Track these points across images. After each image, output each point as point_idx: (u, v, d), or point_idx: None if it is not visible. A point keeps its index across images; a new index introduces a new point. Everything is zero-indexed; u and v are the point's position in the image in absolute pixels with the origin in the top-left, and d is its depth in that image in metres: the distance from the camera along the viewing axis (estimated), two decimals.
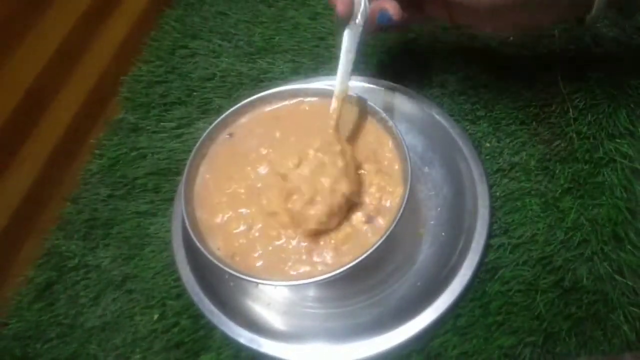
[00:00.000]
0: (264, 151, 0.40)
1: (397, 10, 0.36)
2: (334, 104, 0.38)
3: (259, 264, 0.35)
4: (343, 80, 0.38)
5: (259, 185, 0.39)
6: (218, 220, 0.38)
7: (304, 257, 0.35)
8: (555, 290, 0.37)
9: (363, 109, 0.40)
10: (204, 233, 0.37)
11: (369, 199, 0.37)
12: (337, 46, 0.39)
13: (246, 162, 0.40)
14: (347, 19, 0.37)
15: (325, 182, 0.35)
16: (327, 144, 0.37)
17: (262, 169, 0.39)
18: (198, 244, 0.35)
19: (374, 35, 0.40)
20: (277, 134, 0.41)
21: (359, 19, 0.38)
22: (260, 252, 0.36)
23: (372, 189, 0.37)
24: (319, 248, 0.35)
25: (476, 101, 0.46)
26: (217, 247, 0.36)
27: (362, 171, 0.38)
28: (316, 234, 0.35)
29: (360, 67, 0.49)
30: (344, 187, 0.35)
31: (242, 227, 0.37)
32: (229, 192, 0.39)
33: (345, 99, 0.39)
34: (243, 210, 0.38)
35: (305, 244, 0.36)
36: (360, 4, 0.38)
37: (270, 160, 0.39)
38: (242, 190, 0.39)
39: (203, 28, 0.59)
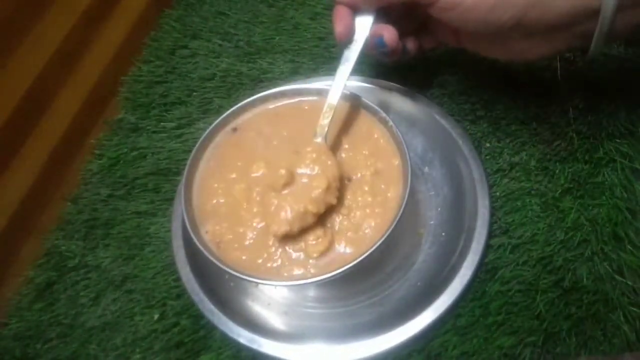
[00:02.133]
0: (262, 150, 0.40)
1: (393, 37, 0.37)
2: (324, 117, 0.38)
3: (244, 257, 0.36)
4: (334, 97, 0.38)
5: (254, 187, 0.39)
6: (212, 203, 0.38)
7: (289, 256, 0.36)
8: (555, 290, 0.37)
9: (363, 109, 0.40)
10: (196, 218, 0.37)
11: (368, 198, 0.37)
12: (337, 57, 0.39)
13: (246, 157, 0.40)
14: (345, 41, 0.38)
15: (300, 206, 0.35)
16: (314, 159, 0.37)
17: (257, 170, 0.39)
18: (196, 242, 0.35)
19: (378, 57, 0.41)
20: (277, 132, 0.41)
21: (357, 42, 0.38)
22: (247, 243, 0.36)
23: (371, 190, 0.37)
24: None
25: (476, 101, 0.46)
26: (205, 231, 0.37)
27: (359, 175, 0.38)
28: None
29: (360, 67, 0.49)
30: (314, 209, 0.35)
31: (232, 218, 0.37)
32: (226, 183, 0.39)
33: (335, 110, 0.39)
34: (237, 199, 0.38)
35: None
36: (360, 27, 0.38)
37: (265, 163, 0.40)
38: (242, 185, 0.39)
39: (203, 28, 0.59)
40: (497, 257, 0.39)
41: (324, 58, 0.53)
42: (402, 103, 0.46)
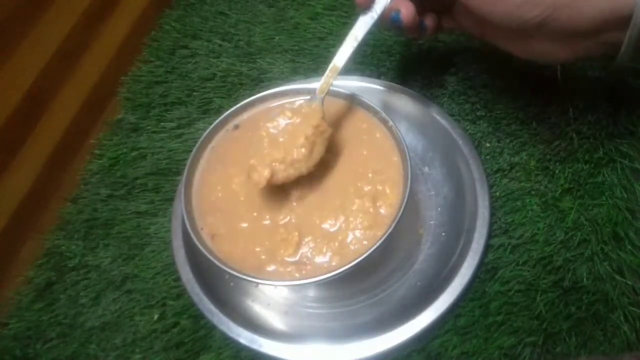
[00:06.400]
0: (264, 146, 0.40)
1: (410, 13, 0.37)
2: (326, 77, 0.38)
3: (239, 249, 0.36)
4: (340, 59, 0.38)
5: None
6: (212, 200, 0.38)
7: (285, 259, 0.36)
8: (555, 290, 0.37)
9: (363, 109, 0.40)
10: (196, 218, 0.37)
11: (367, 198, 0.37)
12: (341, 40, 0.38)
13: (247, 152, 0.40)
14: (364, 8, 0.37)
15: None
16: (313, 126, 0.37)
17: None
18: (197, 243, 0.35)
19: (394, 33, 0.39)
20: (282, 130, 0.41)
21: (375, 11, 0.37)
22: (242, 242, 0.36)
23: (371, 190, 0.37)
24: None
25: (476, 101, 0.46)
26: (200, 227, 0.37)
27: (359, 174, 0.38)
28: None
29: (360, 67, 0.49)
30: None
31: (230, 212, 0.37)
32: (225, 179, 0.39)
33: (335, 77, 0.38)
34: (235, 192, 0.38)
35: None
36: None
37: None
38: (239, 179, 0.39)
39: (203, 28, 0.59)
40: (497, 257, 0.39)
41: (324, 58, 0.53)
42: (402, 103, 0.46)
